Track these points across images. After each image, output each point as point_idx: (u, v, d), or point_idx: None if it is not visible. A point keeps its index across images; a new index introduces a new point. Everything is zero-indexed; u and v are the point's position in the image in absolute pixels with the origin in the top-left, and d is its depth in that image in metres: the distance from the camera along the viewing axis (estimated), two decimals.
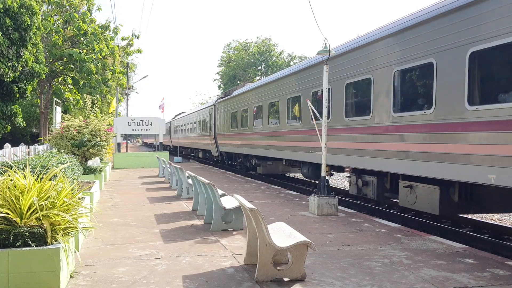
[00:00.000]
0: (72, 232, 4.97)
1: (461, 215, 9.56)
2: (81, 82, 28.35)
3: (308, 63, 13.78)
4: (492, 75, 7.16)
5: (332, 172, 13.45)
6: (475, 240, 8.48)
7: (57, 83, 30.29)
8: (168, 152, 28.48)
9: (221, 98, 25.34)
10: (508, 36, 6.47)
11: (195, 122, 32.57)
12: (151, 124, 25.68)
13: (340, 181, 20.57)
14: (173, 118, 47.62)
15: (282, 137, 15.45)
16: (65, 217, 4.72)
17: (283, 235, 5.30)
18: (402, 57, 8.89)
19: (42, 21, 23.81)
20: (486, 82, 7.20)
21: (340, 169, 12.67)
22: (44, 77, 23.54)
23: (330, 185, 10.20)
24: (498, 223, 10.79)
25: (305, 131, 13.49)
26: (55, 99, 22.34)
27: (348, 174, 12.28)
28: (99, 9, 30.01)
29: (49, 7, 28.63)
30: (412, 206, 9.09)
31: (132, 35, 32.02)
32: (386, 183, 10.27)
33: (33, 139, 32.03)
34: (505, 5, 6.53)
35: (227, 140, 23.38)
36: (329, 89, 10.77)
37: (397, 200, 9.99)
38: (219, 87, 64.09)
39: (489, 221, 10.70)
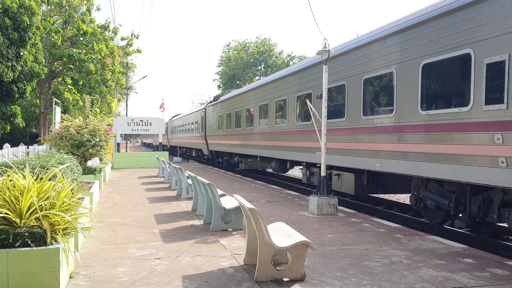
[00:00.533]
0: (72, 232, 4.97)
1: (370, 195, 12.35)
2: (81, 82, 28.33)
3: (276, 76, 16.90)
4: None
5: (293, 166, 17.00)
6: (474, 240, 8.49)
7: (56, 83, 30.26)
8: (167, 152, 28.50)
9: (211, 102, 28.01)
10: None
11: (189, 124, 35.25)
12: (150, 124, 25.68)
13: None
14: (170, 119, 49.23)
15: (255, 137, 18.45)
16: (64, 217, 4.72)
17: (282, 235, 5.31)
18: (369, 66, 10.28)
19: (41, 21, 23.80)
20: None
21: (298, 163, 16.03)
22: (43, 77, 23.52)
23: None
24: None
25: (272, 132, 16.41)
26: (54, 99, 22.33)
27: (301, 167, 16.14)
28: (98, 9, 29.97)
29: (49, 7, 28.60)
30: (339, 189, 12.03)
31: (132, 35, 31.99)
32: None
33: (32, 139, 32.01)
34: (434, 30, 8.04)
35: (215, 140, 26.00)
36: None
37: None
38: (219, 87, 64.07)
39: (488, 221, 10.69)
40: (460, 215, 8.50)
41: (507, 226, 7.78)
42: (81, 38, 27.85)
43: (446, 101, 7.83)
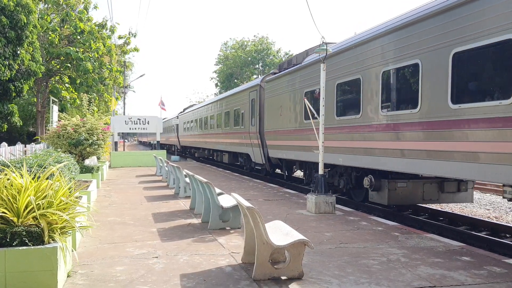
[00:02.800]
0: (69, 231, 4.97)
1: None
2: (78, 81, 28.25)
3: (224, 95, 24.53)
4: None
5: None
6: (472, 238, 8.52)
7: (53, 82, 30.16)
8: (165, 151, 28.49)
9: (181, 112, 40.77)
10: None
11: (170, 127, 45.41)
12: (148, 123, 25.65)
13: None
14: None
15: (208, 137, 27.33)
16: (62, 216, 4.71)
17: (280, 233, 5.31)
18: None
19: (38, 19, 23.70)
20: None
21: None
22: (40, 75, 23.45)
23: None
24: (494, 221, 10.83)
25: (219, 133, 24.60)
26: (51, 98, 22.27)
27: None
28: (96, 7, 29.79)
29: (46, 5, 28.51)
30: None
31: (129, 34, 31.94)
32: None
33: (30, 138, 31.93)
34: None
35: (185, 138, 37.69)
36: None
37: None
38: (216, 85, 64.04)
39: (486, 219, 10.73)
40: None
41: (504, 224, 7.81)
42: (79, 37, 27.75)
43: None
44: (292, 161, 15.80)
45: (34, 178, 5.22)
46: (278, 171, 19.43)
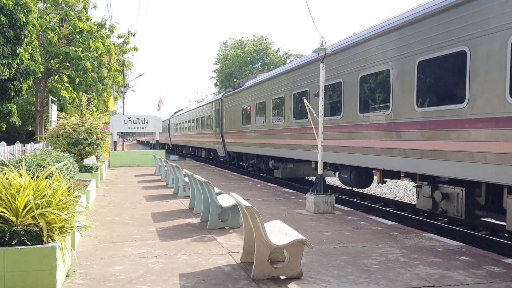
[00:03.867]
0: (68, 231, 4.96)
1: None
2: (77, 80, 28.25)
3: (202, 104, 29.72)
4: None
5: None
6: (470, 237, 8.52)
7: (53, 81, 30.15)
8: (164, 150, 28.49)
9: (172, 115, 46.91)
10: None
11: (163, 128, 47.88)
12: (147, 123, 25.63)
13: (336, 179, 20.57)
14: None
15: (191, 136, 33.56)
16: (61, 215, 4.71)
17: (279, 233, 5.31)
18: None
19: (37, 19, 23.70)
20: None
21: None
22: (39, 75, 23.44)
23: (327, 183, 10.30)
24: (493, 220, 10.83)
25: (198, 134, 30.40)
26: (50, 97, 22.25)
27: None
28: (95, 7, 29.80)
29: (45, 5, 28.49)
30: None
31: (128, 33, 32.00)
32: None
33: (29, 138, 31.92)
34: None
35: (175, 138, 43.31)
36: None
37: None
38: (216, 85, 64.03)
39: (485, 219, 10.72)
40: None
41: (503, 223, 7.82)
42: (78, 36, 27.75)
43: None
44: (240, 153, 21.60)
45: (33, 177, 5.21)
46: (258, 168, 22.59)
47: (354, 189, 13.33)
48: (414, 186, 10.89)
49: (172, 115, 47.50)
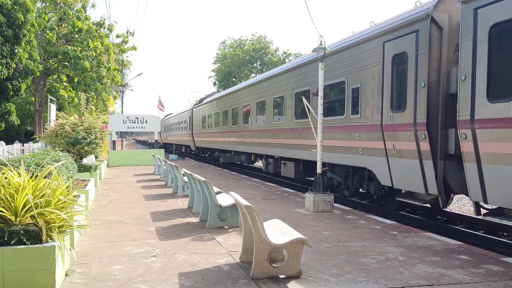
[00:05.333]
0: (67, 230, 4.96)
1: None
2: (76, 80, 28.19)
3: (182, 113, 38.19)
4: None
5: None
6: (469, 236, 8.53)
7: (51, 81, 30.09)
8: (163, 149, 28.48)
9: (163, 118, 50.18)
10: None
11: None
12: (146, 122, 25.59)
13: None
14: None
15: (175, 135, 42.19)
16: (60, 215, 4.71)
17: (278, 232, 5.31)
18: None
19: (36, 18, 23.63)
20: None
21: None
22: (38, 74, 23.40)
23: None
24: (492, 220, 10.83)
25: (180, 134, 39.47)
26: (49, 96, 22.22)
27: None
28: (93, 6, 29.73)
29: (43, 4, 28.43)
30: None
31: (127, 32, 31.92)
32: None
33: (27, 137, 31.88)
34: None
35: (166, 137, 49.62)
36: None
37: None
38: (214, 84, 63.89)
39: (483, 218, 10.73)
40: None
41: (502, 223, 7.84)
42: (76, 35, 27.68)
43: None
44: (205, 148, 30.33)
45: (32, 177, 5.21)
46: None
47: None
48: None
49: (162, 118, 53.12)
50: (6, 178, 5.05)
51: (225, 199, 7.86)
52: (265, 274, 4.99)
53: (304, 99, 10.90)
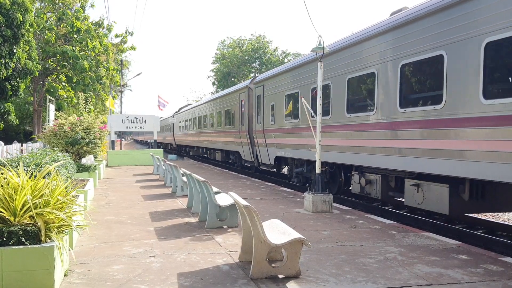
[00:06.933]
0: (66, 230, 4.96)
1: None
2: (75, 80, 28.19)
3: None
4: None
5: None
6: (468, 236, 8.54)
7: (50, 81, 30.09)
8: (162, 149, 28.45)
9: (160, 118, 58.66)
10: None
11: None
12: (145, 122, 25.56)
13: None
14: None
15: (165, 136, 50.35)
16: (59, 215, 4.70)
17: (277, 232, 5.31)
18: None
19: (35, 18, 23.63)
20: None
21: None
22: (37, 74, 23.40)
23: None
24: (491, 219, 10.87)
25: (169, 134, 47.50)
26: (48, 96, 22.21)
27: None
28: (92, 6, 29.76)
29: (42, 4, 28.43)
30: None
31: (126, 32, 31.96)
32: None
33: (26, 137, 31.84)
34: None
35: (160, 136, 50.47)
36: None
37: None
38: (213, 84, 63.89)
39: (482, 218, 10.76)
40: None
41: (500, 222, 7.85)
42: (75, 35, 27.69)
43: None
44: (188, 146, 37.42)
45: (30, 177, 5.20)
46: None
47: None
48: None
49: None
50: (5, 178, 5.05)
51: (224, 199, 7.86)
52: (264, 274, 4.99)
53: (303, 99, 10.92)
